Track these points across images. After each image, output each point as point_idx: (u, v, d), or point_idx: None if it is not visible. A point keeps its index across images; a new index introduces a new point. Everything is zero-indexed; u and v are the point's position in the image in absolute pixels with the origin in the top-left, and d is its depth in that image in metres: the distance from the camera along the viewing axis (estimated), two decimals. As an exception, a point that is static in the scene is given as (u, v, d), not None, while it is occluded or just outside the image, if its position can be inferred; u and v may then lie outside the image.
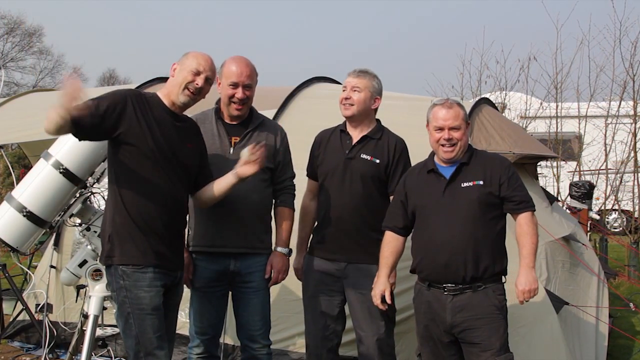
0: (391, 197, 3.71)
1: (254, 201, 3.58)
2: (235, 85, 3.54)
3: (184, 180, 3.32)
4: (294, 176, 3.78)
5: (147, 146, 3.15)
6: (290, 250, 3.73)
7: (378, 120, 3.83)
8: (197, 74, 3.24)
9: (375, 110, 3.80)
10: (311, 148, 3.88)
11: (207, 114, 3.70)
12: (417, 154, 3.70)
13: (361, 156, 3.70)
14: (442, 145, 3.38)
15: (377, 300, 3.50)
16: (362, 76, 3.72)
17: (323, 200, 3.77)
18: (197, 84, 3.24)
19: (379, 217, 3.66)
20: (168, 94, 3.29)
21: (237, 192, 3.51)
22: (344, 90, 3.75)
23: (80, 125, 2.95)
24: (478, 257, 3.29)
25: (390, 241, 3.54)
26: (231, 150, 3.60)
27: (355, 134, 3.75)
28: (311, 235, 3.86)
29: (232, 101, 3.57)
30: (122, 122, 3.11)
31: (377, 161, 3.69)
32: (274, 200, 3.73)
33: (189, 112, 3.47)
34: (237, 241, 3.58)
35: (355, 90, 3.70)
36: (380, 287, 3.50)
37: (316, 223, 3.83)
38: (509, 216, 3.45)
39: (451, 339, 3.38)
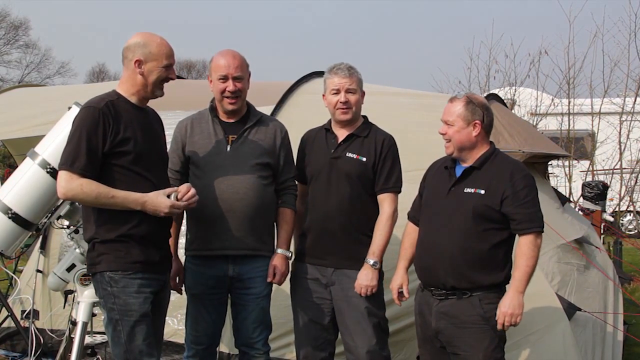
0: (378, 197, 3.70)
1: (253, 199, 3.58)
2: (224, 79, 3.56)
3: (167, 175, 3.40)
4: (296, 175, 3.79)
5: (132, 152, 3.17)
6: (292, 253, 3.72)
7: (364, 117, 3.83)
8: (170, 66, 3.27)
9: None
10: (298, 150, 3.86)
11: (203, 114, 3.71)
12: (421, 153, 3.71)
13: (347, 155, 3.69)
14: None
15: (394, 295, 3.53)
16: (352, 74, 3.69)
17: (310, 203, 3.75)
18: (172, 78, 3.29)
19: (367, 219, 3.67)
20: (138, 91, 3.26)
21: (234, 190, 3.52)
22: (334, 93, 3.70)
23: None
24: (459, 268, 3.26)
25: (410, 232, 3.58)
26: (228, 148, 3.60)
27: (341, 133, 3.74)
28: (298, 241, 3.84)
29: (224, 96, 3.58)
30: (106, 140, 3.13)
31: (364, 159, 3.67)
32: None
33: (181, 111, 3.49)
34: (237, 243, 3.57)
35: (350, 92, 3.68)
36: (397, 280, 3.54)
37: (304, 227, 3.81)
38: None
39: (442, 345, 3.39)
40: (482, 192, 3.29)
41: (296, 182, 3.79)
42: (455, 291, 3.28)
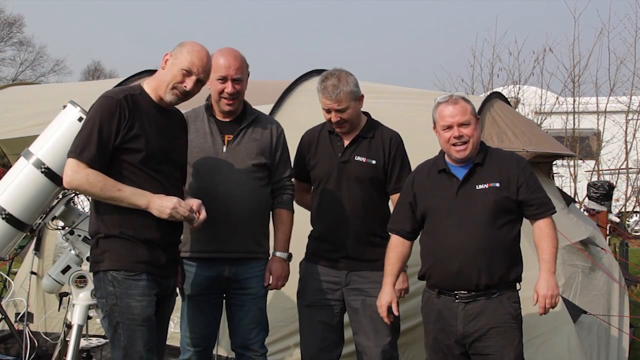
0: (391, 197, 3.71)
1: (249, 201, 3.58)
2: (224, 80, 3.53)
3: (179, 181, 3.35)
4: (292, 175, 3.78)
5: (143, 151, 3.13)
6: (290, 255, 3.72)
7: (367, 114, 3.81)
8: (188, 74, 3.17)
9: None
10: (298, 149, 3.85)
11: (199, 112, 3.70)
12: (422, 152, 3.70)
13: (355, 158, 3.68)
14: (454, 145, 3.35)
15: (383, 313, 3.50)
16: (339, 93, 3.57)
17: (320, 207, 3.76)
18: (185, 86, 3.18)
19: (380, 221, 3.67)
20: (156, 88, 3.24)
21: (231, 192, 3.52)
22: (326, 111, 3.65)
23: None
24: (492, 264, 3.29)
25: (397, 246, 3.53)
26: (224, 149, 3.60)
27: (346, 136, 3.73)
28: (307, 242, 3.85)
29: (221, 96, 3.56)
30: (118, 133, 3.10)
31: (374, 162, 3.68)
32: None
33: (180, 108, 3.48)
34: (233, 245, 3.57)
35: (340, 112, 3.61)
36: (386, 298, 3.50)
37: (313, 230, 3.83)
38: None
39: (462, 351, 3.37)
40: (498, 184, 3.33)
41: (293, 181, 3.78)
42: (485, 291, 3.29)
